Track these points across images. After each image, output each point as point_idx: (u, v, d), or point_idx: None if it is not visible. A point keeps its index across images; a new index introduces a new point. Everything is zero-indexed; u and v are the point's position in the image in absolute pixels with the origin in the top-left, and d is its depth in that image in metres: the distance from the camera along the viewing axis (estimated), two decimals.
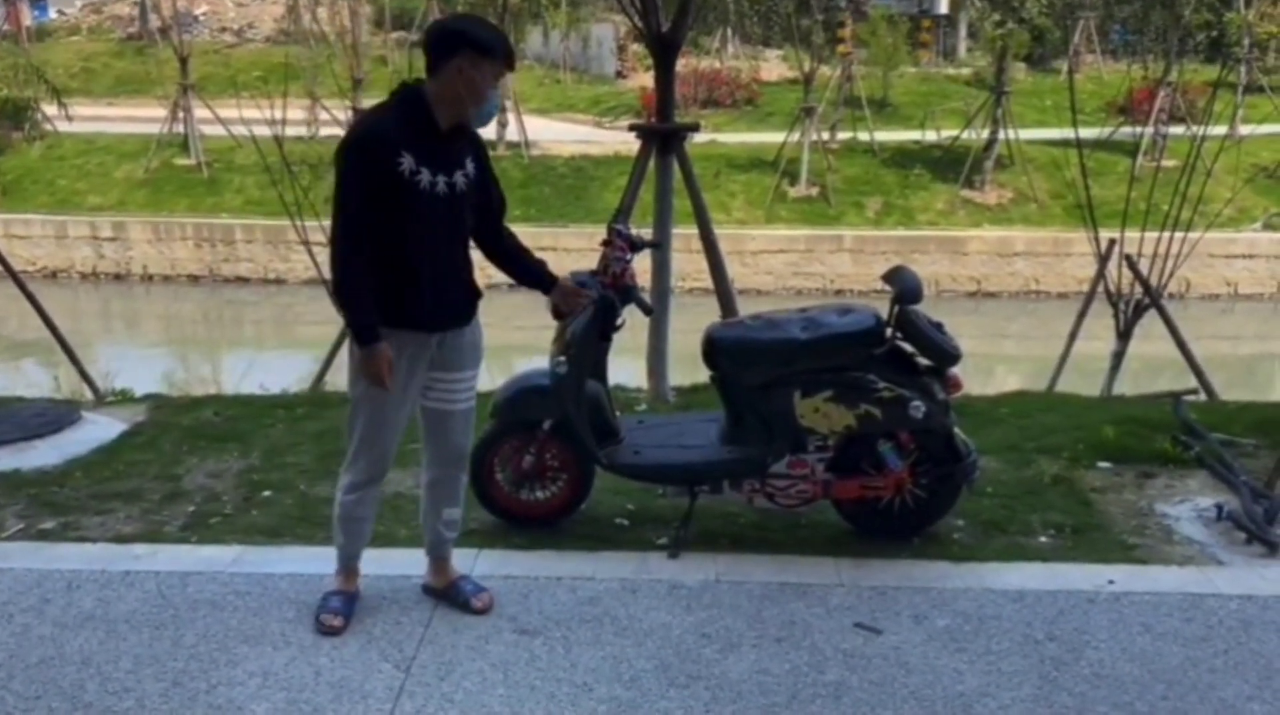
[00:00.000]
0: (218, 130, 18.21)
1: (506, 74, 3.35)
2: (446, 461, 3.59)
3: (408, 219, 3.23)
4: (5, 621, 3.52)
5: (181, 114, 19.09)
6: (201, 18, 31.54)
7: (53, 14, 33.41)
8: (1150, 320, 7.18)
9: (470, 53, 3.18)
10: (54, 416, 5.54)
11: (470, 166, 3.36)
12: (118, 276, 17.94)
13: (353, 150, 3.20)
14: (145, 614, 3.57)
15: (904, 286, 3.97)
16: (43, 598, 3.68)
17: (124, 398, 6.65)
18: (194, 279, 17.70)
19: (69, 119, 17.62)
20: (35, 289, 7.87)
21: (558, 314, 4.01)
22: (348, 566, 3.61)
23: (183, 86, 18.94)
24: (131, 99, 24.98)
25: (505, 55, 3.26)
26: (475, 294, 3.49)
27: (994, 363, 14.04)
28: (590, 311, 3.91)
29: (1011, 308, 16.74)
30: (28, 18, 30.29)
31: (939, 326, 4.05)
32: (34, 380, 10.08)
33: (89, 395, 7.06)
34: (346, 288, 3.26)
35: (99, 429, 5.52)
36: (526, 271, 3.67)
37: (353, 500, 3.49)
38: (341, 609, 3.51)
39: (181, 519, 4.43)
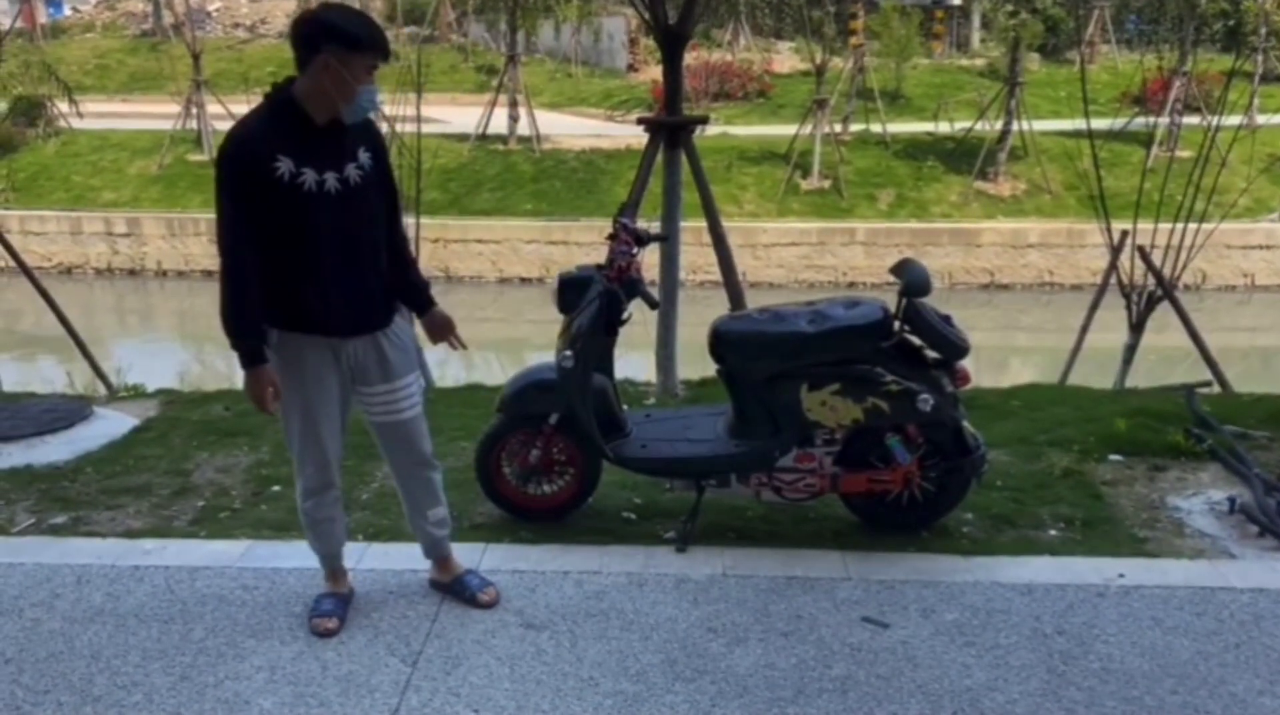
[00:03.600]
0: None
1: (380, 65, 3.10)
2: (410, 467, 3.52)
3: (299, 222, 3.08)
4: (15, 616, 3.55)
5: (195, 110, 19.17)
6: (214, 14, 31.66)
7: (67, 11, 33.60)
8: (1165, 312, 7.13)
9: (336, 47, 2.99)
10: (65, 412, 5.57)
11: (364, 158, 3.18)
12: (132, 272, 18.04)
13: (225, 162, 3.04)
14: (154, 608, 3.59)
15: (912, 279, 3.95)
16: (53, 592, 3.70)
17: (136, 393, 6.68)
18: (207, 274, 17.74)
19: (80, 116, 17.69)
20: (50, 285, 7.92)
21: (564, 308, 4.01)
22: (330, 567, 3.59)
23: (196, 82, 19.02)
24: (145, 95, 25.14)
25: (375, 46, 3.05)
26: (390, 294, 3.35)
27: (1007, 355, 13.96)
28: (595, 306, 3.90)
29: (1025, 299, 16.65)
30: (43, 15, 30.47)
31: (947, 319, 4.03)
32: (48, 375, 10.14)
33: (102, 390, 7.10)
34: (230, 307, 3.11)
35: (110, 424, 5.55)
36: (406, 286, 3.42)
37: (311, 505, 3.44)
38: (334, 610, 3.49)
39: (191, 514, 4.46)
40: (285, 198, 3.05)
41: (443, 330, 3.53)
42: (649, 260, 4.29)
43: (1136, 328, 7.14)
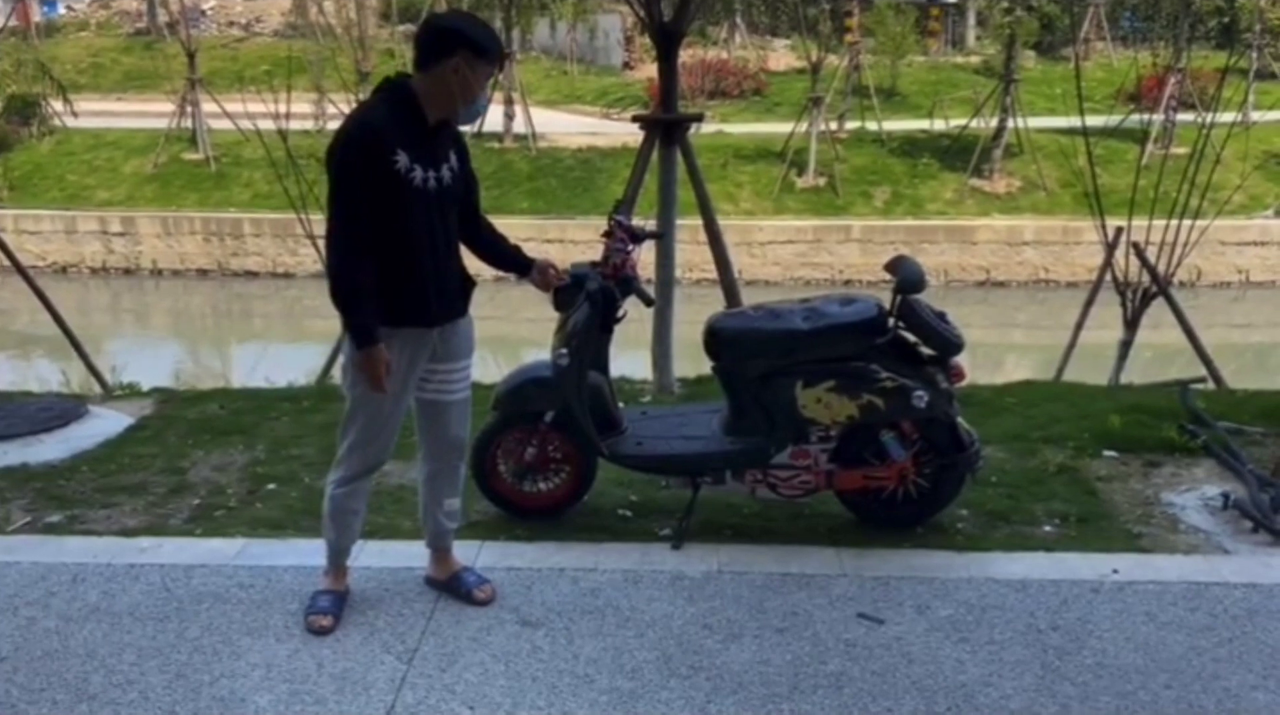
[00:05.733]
0: (225, 125, 18.24)
1: (496, 75, 3.35)
2: (445, 453, 3.59)
3: (404, 216, 3.22)
4: (11, 615, 3.54)
5: (189, 109, 19.13)
6: (209, 12, 31.61)
7: (61, 9, 33.52)
8: (1161, 309, 7.15)
9: (468, 53, 3.18)
10: (61, 411, 5.56)
11: (454, 160, 3.36)
12: (127, 271, 18.02)
13: (349, 147, 3.16)
14: (149, 607, 3.59)
15: (906, 276, 3.95)
16: (48, 591, 3.70)
17: (131, 392, 6.67)
18: (203, 273, 17.75)
19: (74, 115, 17.64)
20: (46, 284, 7.90)
21: (560, 306, 4.01)
22: (336, 564, 3.60)
23: (190, 81, 18.96)
24: (140, 94, 25.07)
25: (498, 58, 3.29)
26: (470, 284, 3.50)
27: (1003, 352, 13.99)
28: (590, 303, 3.90)
29: (1020, 297, 16.67)
30: (37, 13, 30.40)
31: (942, 316, 4.04)
32: (43, 374, 10.13)
33: (97, 389, 7.09)
34: (345, 288, 3.20)
35: (105, 423, 5.54)
36: (504, 258, 3.67)
37: (344, 493, 3.49)
38: (330, 608, 3.50)
39: (186, 512, 4.45)
40: (398, 190, 3.18)
41: (548, 273, 3.71)
42: (644, 258, 4.28)
43: (1131, 324, 7.15)
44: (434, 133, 3.28)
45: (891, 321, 3.97)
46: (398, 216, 3.21)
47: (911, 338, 4.01)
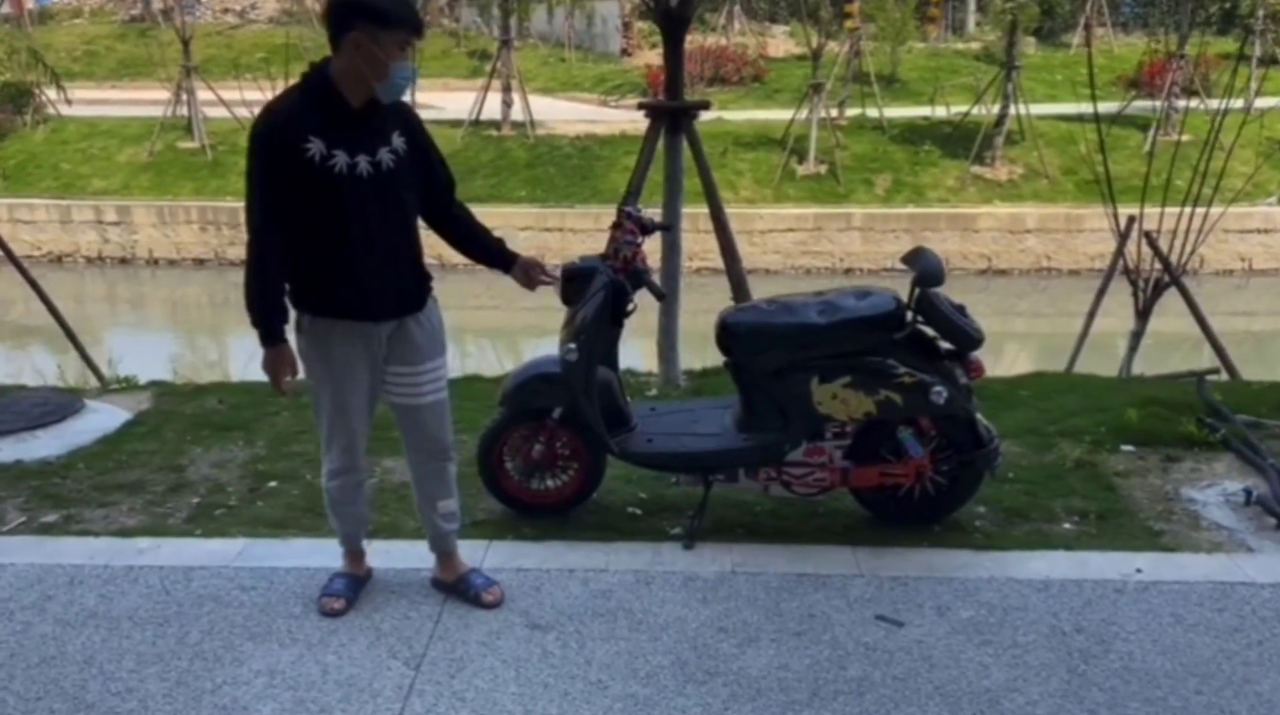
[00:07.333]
0: (221, 113, 18.08)
1: (414, 42, 3.11)
2: (426, 456, 3.48)
3: (330, 206, 3.07)
4: (6, 619, 3.44)
5: (184, 96, 18.93)
6: None
7: None
8: (1164, 296, 7.05)
9: (366, 24, 2.97)
10: (56, 406, 5.45)
11: (399, 142, 3.16)
12: (123, 261, 17.82)
13: (255, 139, 3.03)
14: (149, 610, 3.49)
15: (924, 268, 3.85)
16: (44, 594, 3.60)
17: (128, 385, 6.56)
18: (199, 262, 17.59)
19: (68, 103, 17.42)
20: (40, 274, 7.80)
21: (568, 300, 3.91)
22: (350, 548, 3.57)
23: (185, 69, 18.76)
24: (134, 82, 24.83)
25: (406, 22, 3.03)
26: (424, 278, 3.33)
27: (1005, 341, 13.87)
28: (600, 297, 3.80)
29: (1023, 285, 16.55)
30: (30, 0, 30.13)
31: (961, 309, 3.94)
32: (39, 367, 10.00)
33: (93, 382, 6.98)
34: (251, 285, 3.10)
35: (102, 418, 5.43)
36: (483, 251, 3.49)
37: (336, 486, 3.45)
38: (343, 591, 3.47)
39: (185, 511, 4.35)
40: (316, 180, 3.03)
41: (533, 273, 3.51)
42: (649, 248, 4.17)
43: (1143, 315, 7.06)
44: (362, 116, 3.09)
45: (909, 315, 3.87)
46: (324, 206, 3.06)
47: (930, 332, 3.91)
